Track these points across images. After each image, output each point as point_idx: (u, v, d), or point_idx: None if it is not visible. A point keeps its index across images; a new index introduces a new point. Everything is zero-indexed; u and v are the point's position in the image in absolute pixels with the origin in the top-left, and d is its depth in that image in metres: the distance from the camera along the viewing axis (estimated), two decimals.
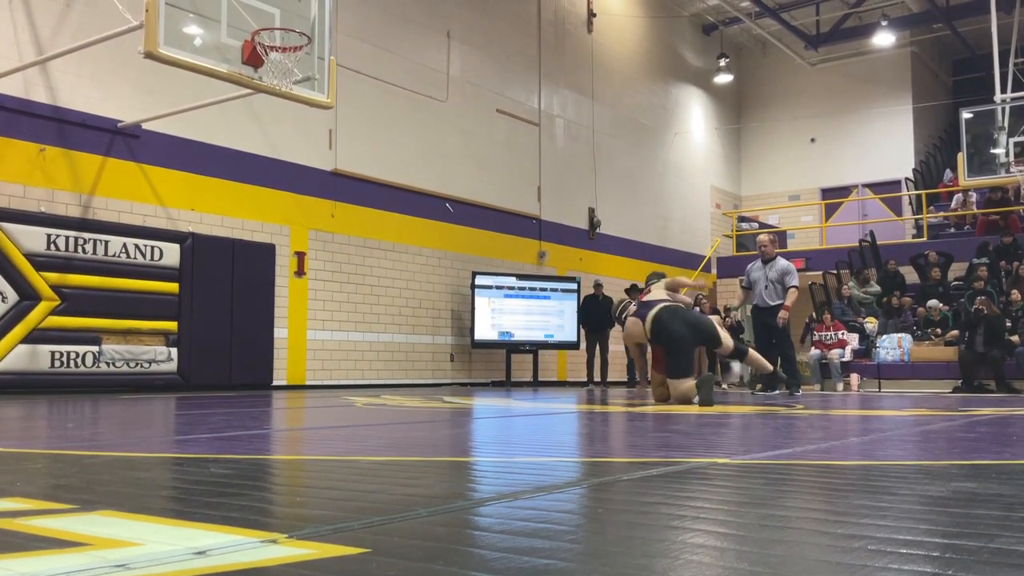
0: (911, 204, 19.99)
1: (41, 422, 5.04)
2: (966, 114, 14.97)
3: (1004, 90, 14.19)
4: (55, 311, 9.05)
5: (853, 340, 14.07)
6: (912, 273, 16.00)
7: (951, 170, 18.32)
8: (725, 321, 14.99)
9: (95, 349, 9.30)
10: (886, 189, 20.71)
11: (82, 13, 9.63)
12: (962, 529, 1.61)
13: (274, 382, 11.13)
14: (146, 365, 9.72)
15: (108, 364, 9.39)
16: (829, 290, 15.84)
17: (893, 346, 13.72)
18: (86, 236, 9.35)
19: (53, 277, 9.05)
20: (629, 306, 8.15)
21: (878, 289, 15.41)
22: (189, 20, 8.05)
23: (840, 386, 13.32)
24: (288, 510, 1.94)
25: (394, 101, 13.17)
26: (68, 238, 9.20)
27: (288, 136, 11.63)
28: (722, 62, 20.63)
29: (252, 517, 1.71)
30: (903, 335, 13.82)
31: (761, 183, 22.40)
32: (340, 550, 1.39)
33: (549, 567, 1.29)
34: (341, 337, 12.29)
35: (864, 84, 21.14)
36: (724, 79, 21.16)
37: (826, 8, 19.95)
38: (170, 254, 10.05)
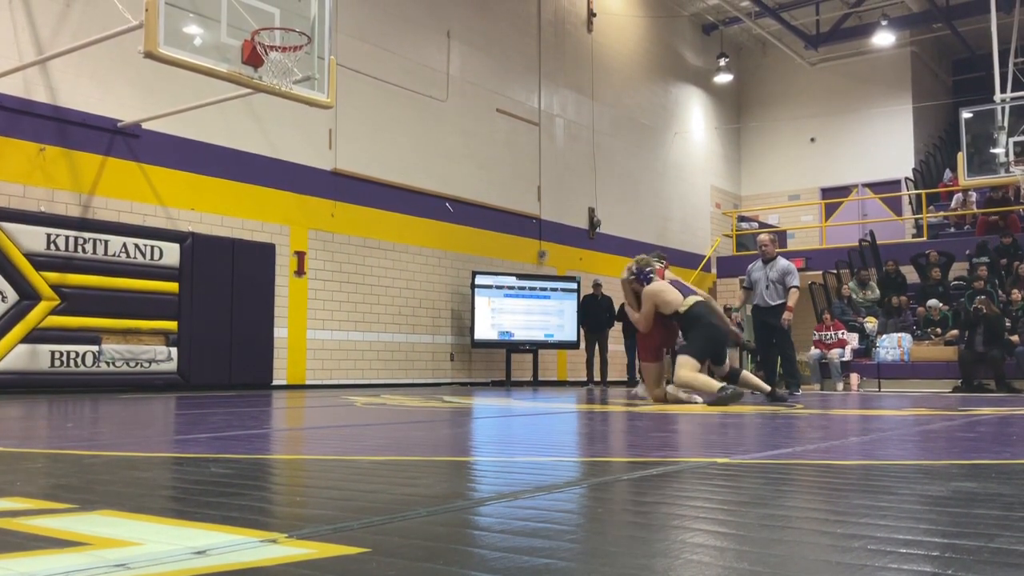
0: (911, 204, 19.99)
1: (41, 422, 5.04)
2: (966, 114, 14.97)
3: (1004, 90, 14.19)
4: (55, 311, 9.05)
5: (853, 340, 14.07)
6: (912, 272, 16.00)
7: (951, 170, 18.32)
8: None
9: (95, 349, 9.30)
10: (886, 189, 20.70)
11: (82, 13, 9.63)
12: (962, 529, 1.61)
13: (274, 382, 11.13)
14: (146, 365, 9.72)
15: (108, 364, 9.39)
16: (829, 290, 15.84)
17: (893, 346, 13.72)
18: (86, 236, 9.34)
19: (53, 277, 9.04)
20: (656, 265, 7.74)
21: (877, 295, 15.38)
22: (189, 20, 8.05)
23: (840, 386, 13.32)
24: (288, 510, 1.94)
25: (394, 101, 13.16)
26: (68, 238, 9.20)
27: (288, 136, 11.63)
28: (722, 62, 20.63)
29: (252, 517, 1.71)
30: (903, 335, 13.81)
31: (761, 183, 22.40)
32: (340, 550, 1.39)
33: (549, 567, 1.29)
34: (341, 337, 12.28)
35: (864, 84, 21.14)
36: (724, 79, 21.16)
37: (826, 8, 19.95)
38: (170, 254, 10.05)
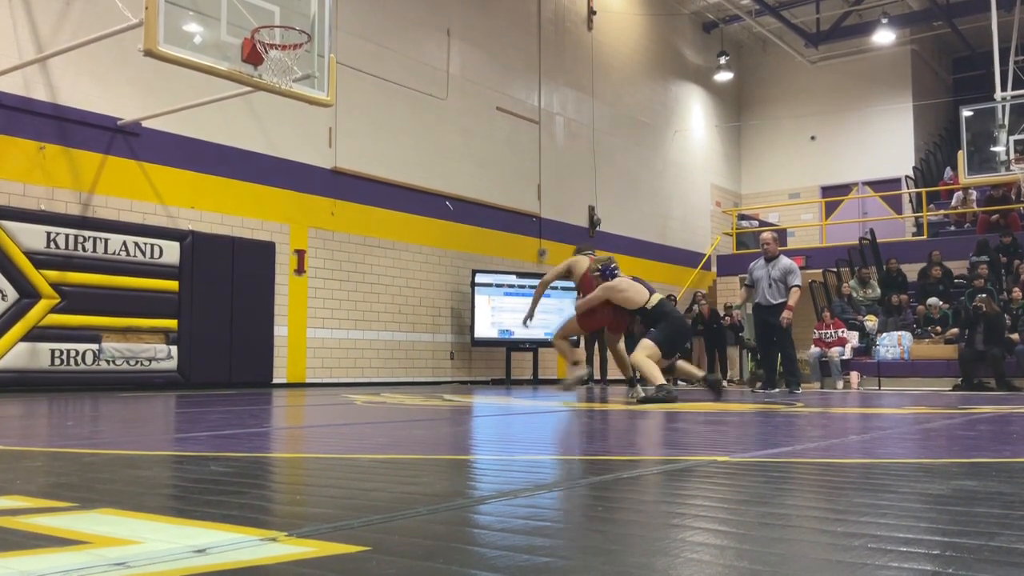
0: (911, 202, 19.99)
1: (41, 420, 5.04)
2: (966, 112, 14.96)
3: (1004, 88, 14.18)
4: (55, 309, 9.04)
5: (853, 338, 14.07)
6: (913, 271, 15.99)
7: (951, 168, 18.32)
8: (725, 319, 15.04)
9: (95, 347, 9.30)
10: (886, 187, 20.69)
11: (82, 11, 9.62)
12: (962, 527, 1.61)
13: (274, 380, 11.13)
14: (146, 363, 9.72)
15: (108, 362, 9.39)
16: (829, 288, 15.83)
17: (893, 344, 13.72)
18: (86, 234, 9.34)
19: (53, 275, 9.04)
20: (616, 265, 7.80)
21: (877, 294, 15.38)
22: (189, 18, 8.05)
23: (840, 384, 13.32)
24: (288, 508, 1.94)
25: (394, 99, 13.16)
26: (68, 236, 9.19)
27: (288, 134, 11.62)
28: (722, 60, 20.61)
29: (252, 515, 1.71)
30: (903, 333, 13.81)
31: (761, 181, 22.39)
32: (340, 548, 1.39)
33: (549, 565, 1.29)
34: (341, 335, 12.28)
35: (864, 82, 21.12)
36: (724, 77, 21.15)
37: (826, 6, 19.93)
38: (170, 252, 10.05)
